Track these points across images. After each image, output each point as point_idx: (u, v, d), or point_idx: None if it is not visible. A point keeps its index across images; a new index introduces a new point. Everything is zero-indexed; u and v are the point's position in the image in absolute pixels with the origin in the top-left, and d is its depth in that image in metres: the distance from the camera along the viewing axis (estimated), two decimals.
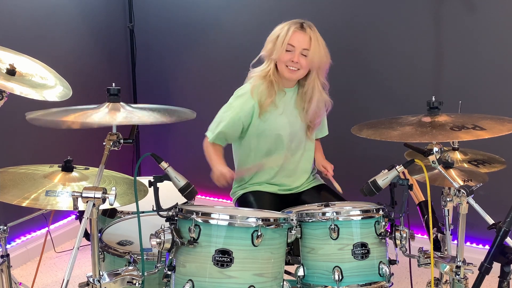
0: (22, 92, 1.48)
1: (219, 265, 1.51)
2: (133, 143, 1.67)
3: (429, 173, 1.86)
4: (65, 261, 3.02)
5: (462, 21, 2.77)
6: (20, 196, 1.61)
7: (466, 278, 1.65)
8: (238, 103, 2.25)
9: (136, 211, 1.63)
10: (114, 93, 1.72)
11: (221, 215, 1.54)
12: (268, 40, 2.24)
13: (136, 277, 1.55)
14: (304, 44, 2.15)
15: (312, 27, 2.20)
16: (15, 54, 1.68)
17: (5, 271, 1.78)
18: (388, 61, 3.00)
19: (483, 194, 2.00)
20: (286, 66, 2.18)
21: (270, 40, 2.22)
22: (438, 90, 2.86)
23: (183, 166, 2.53)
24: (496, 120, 1.70)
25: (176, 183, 1.70)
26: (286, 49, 2.16)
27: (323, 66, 2.25)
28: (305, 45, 2.16)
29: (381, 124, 1.80)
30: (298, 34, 2.16)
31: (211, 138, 2.28)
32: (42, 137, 3.08)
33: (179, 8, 3.56)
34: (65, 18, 3.21)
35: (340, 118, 2.65)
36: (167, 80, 3.72)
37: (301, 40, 2.15)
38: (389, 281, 1.67)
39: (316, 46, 2.17)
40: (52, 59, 1.97)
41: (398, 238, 1.69)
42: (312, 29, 2.19)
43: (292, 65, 2.17)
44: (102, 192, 1.42)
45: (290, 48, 2.16)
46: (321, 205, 1.87)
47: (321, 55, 2.19)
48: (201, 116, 2.51)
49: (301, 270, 1.69)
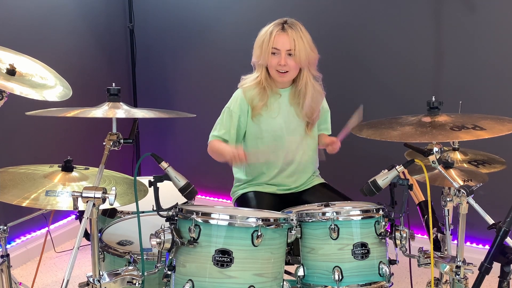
0: (22, 92, 1.48)
1: (219, 265, 1.51)
2: (133, 143, 1.68)
3: (429, 173, 1.86)
4: (65, 261, 3.02)
5: (462, 21, 2.77)
6: (20, 196, 1.61)
7: (466, 278, 1.65)
8: (236, 104, 2.27)
9: (136, 211, 1.63)
10: (114, 93, 1.73)
11: (221, 215, 1.54)
12: (255, 46, 2.25)
13: (136, 277, 1.55)
14: (287, 45, 2.15)
15: (294, 25, 2.18)
16: (15, 54, 1.68)
17: (5, 271, 1.78)
18: (388, 61, 3.00)
19: (483, 194, 2.00)
20: (277, 71, 2.20)
21: (256, 45, 2.23)
22: (438, 90, 2.86)
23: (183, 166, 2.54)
24: (496, 120, 1.70)
25: (176, 183, 1.70)
26: (272, 52, 2.17)
27: (312, 61, 2.24)
28: (288, 46, 2.16)
29: (381, 124, 1.80)
30: (280, 36, 2.16)
31: (211, 138, 2.30)
32: (42, 137, 3.08)
33: (179, 8, 3.56)
34: (65, 18, 3.21)
35: (340, 118, 2.65)
36: (167, 80, 3.72)
37: (284, 42, 2.16)
38: (389, 281, 1.67)
39: (300, 45, 2.16)
40: (52, 59, 1.97)
41: (398, 238, 1.69)
42: (294, 28, 2.17)
43: (280, 68, 2.19)
44: (102, 192, 1.42)
45: (275, 51, 2.17)
46: (321, 205, 1.87)
47: (307, 52, 2.18)
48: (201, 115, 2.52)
49: (301, 270, 1.69)
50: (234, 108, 2.27)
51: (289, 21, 2.20)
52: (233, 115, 2.27)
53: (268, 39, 2.17)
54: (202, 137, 2.35)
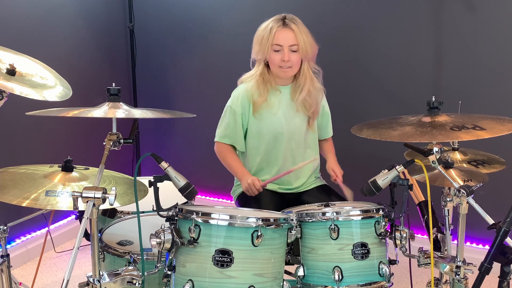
0: (22, 92, 1.48)
1: (219, 265, 1.51)
2: (133, 143, 1.68)
3: (429, 173, 1.86)
4: (65, 261, 3.02)
5: (462, 21, 2.76)
6: (20, 196, 1.61)
7: (466, 278, 1.65)
8: (237, 103, 2.27)
9: (136, 211, 1.63)
10: (114, 93, 1.73)
11: (221, 215, 1.54)
12: (254, 41, 2.24)
13: (136, 277, 1.55)
14: (290, 40, 2.16)
15: (294, 20, 2.19)
16: (15, 54, 1.68)
17: (5, 271, 1.78)
18: (388, 61, 2.99)
19: (483, 194, 2.00)
20: (279, 67, 2.19)
21: (256, 41, 2.23)
22: (438, 90, 2.86)
23: (183, 166, 2.54)
24: (496, 120, 1.70)
25: (176, 183, 1.70)
26: (274, 49, 2.17)
27: (313, 54, 2.25)
28: (291, 41, 2.16)
29: (381, 124, 1.80)
30: (283, 32, 2.16)
31: (220, 139, 2.31)
32: (42, 137, 3.08)
33: (179, 8, 3.56)
34: (65, 18, 3.21)
35: (340, 118, 2.65)
36: (167, 80, 3.72)
37: (286, 37, 2.16)
38: (389, 281, 1.67)
39: (304, 38, 2.17)
40: (52, 59, 1.97)
41: (398, 238, 1.68)
42: (295, 22, 2.18)
43: (284, 64, 2.18)
44: (102, 192, 1.42)
45: (277, 48, 2.17)
46: (321, 205, 1.87)
47: (311, 45, 2.20)
48: (201, 115, 2.52)
49: (301, 270, 1.69)
50: (236, 107, 2.27)
51: (288, 16, 2.20)
52: (236, 114, 2.27)
53: (268, 35, 2.16)
54: (202, 137, 2.35)
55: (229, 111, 2.29)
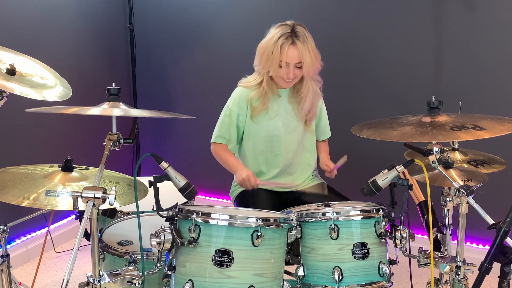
0: (22, 92, 1.48)
1: (219, 265, 1.51)
2: (133, 143, 1.68)
3: (429, 173, 1.86)
4: (65, 261, 3.02)
5: (462, 21, 2.76)
6: (20, 196, 1.61)
7: (466, 278, 1.65)
8: (235, 103, 2.29)
9: (136, 211, 1.63)
10: (114, 93, 1.73)
11: (221, 215, 1.54)
12: (260, 52, 2.21)
13: (136, 277, 1.55)
14: (296, 59, 2.16)
15: (302, 36, 2.16)
16: (15, 54, 1.68)
17: (5, 271, 1.78)
18: (388, 61, 2.99)
19: (483, 194, 2.00)
20: (282, 78, 2.21)
21: (263, 54, 2.19)
22: (438, 90, 2.86)
23: (183, 166, 2.54)
24: (496, 120, 1.70)
25: (176, 183, 1.70)
26: (280, 64, 2.17)
27: (316, 72, 2.27)
28: (297, 60, 2.16)
29: (381, 124, 1.80)
30: (290, 50, 2.14)
31: (214, 139, 2.32)
32: (42, 137, 3.08)
33: (179, 8, 3.56)
34: (65, 18, 3.21)
35: (340, 118, 2.65)
36: (167, 80, 3.72)
37: (293, 56, 2.15)
38: (389, 281, 1.67)
39: (309, 58, 2.16)
40: (52, 59, 1.97)
41: (398, 238, 1.68)
42: (302, 39, 2.15)
43: (288, 78, 2.20)
44: (102, 192, 1.42)
45: (283, 64, 2.17)
46: (321, 205, 1.87)
47: (314, 63, 2.19)
48: (201, 115, 2.52)
49: (301, 270, 1.69)
50: (233, 107, 2.29)
51: (296, 29, 2.16)
52: (232, 114, 2.29)
53: (278, 52, 2.14)
54: (202, 137, 2.35)
55: (226, 111, 2.31)
